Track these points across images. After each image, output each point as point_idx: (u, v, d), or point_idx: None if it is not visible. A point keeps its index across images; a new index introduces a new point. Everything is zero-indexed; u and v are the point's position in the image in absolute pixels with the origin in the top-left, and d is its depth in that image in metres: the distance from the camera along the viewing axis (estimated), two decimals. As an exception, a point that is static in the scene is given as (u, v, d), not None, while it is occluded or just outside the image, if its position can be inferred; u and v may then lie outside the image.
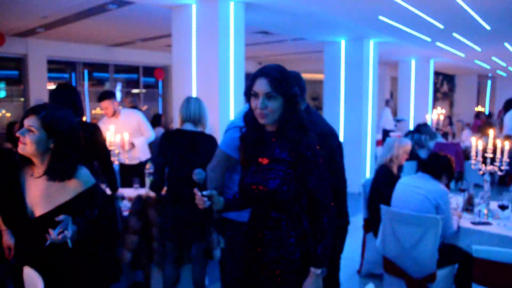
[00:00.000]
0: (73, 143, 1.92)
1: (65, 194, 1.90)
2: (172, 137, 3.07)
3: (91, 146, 2.95)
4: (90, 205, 1.93)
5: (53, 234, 1.73)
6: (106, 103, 4.41)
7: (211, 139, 3.09)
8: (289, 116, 1.81)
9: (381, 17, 5.67)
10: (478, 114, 12.79)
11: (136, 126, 4.57)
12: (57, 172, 1.87)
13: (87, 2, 5.35)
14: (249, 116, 1.89)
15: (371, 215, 3.77)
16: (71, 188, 1.91)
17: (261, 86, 1.78)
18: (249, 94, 1.83)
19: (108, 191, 3.27)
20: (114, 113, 4.38)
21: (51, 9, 5.81)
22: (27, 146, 1.86)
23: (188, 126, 3.09)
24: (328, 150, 2.23)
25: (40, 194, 1.91)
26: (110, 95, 4.48)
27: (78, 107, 2.95)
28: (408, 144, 3.92)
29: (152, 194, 3.33)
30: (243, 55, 4.98)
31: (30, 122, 1.86)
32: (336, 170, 2.30)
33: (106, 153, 3.11)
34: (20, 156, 1.91)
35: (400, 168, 3.97)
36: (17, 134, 1.86)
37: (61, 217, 1.77)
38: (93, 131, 3.05)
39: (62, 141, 1.88)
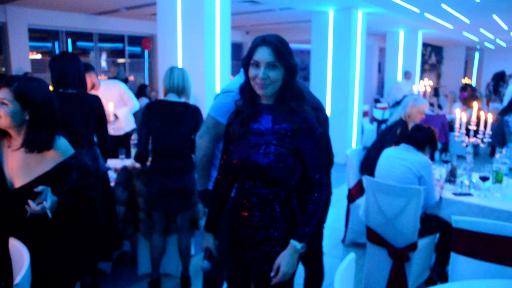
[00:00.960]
0: (49, 113, 1.88)
1: (43, 165, 1.89)
2: (155, 108, 3.03)
3: (94, 117, 2.92)
4: (69, 175, 1.91)
5: (32, 205, 1.72)
6: (87, 75, 4.29)
7: (194, 109, 3.07)
8: (288, 88, 1.75)
9: (369, -13, 5.59)
10: (464, 86, 12.87)
11: (118, 97, 4.46)
12: (34, 144, 1.84)
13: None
14: (245, 88, 1.80)
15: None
16: (49, 159, 1.89)
17: (263, 55, 1.70)
18: (247, 63, 1.74)
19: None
20: (93, 86, 4.26)
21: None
22: (1, 119, 1.83)
23: (172, 97, 3.06)
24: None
25: (18, 166, 1.90)
26: (87, 67, 4.35)
27: (83, 77, 2.89)
28: (423, 105, 4.00)
29: (137, 165, 3.33)
30: (229, 24, 4.90)
31: (2, 94, 1.82)
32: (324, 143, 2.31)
33: (106, 125, 3.08)
34: None
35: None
36: None
37: (40, 188, 1.76)
38: (97, 103, 2.99)
39: (37, 112, 1.85)
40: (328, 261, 3.26)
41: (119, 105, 4.43)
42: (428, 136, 3.20)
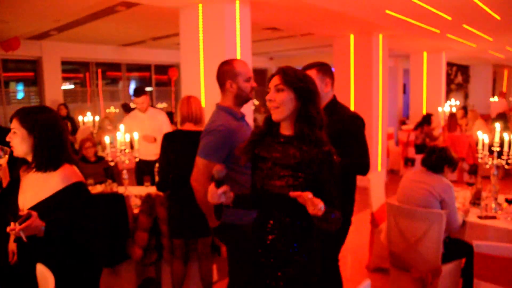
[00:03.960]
0: (53, 135, 2.03)
1: (47, 190, 2.01)
2: (173, 138, 3.11)
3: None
4: (68, 203, 2.00)
5: (13, 226, 1.82)
6: (143, 98, 4.73)
7: None
8: (302, 114, 1.77)
9: (387, 11, 5.64)
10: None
11: (160, 124, 4.76)
12: (40, 162, 2.00)
13: (96, 4, 5.46)
14: (267, 118, 1.90)
15: None
16: (52, 185, 2.01)
17: (272, 80, 1.83)
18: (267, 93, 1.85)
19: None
20: (146, 109, 4.74)
21: (62, 12, 5.94)
22: (15, 147, 2.04)
23: (188, 126, 3.13)
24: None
25: (28, 189, 2.05)
26: (146, 91, 4.84)
27: None
28: None
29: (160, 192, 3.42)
30: (249, 53, 5.02)
31: (12, 125, 2.03)
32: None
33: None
34: (18, 158, 2.07)
35: None
36: (7, 139, 2.03)
37: (26, 212, 1.87)
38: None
39: (41, 133, 2.01)
40: (351, 287, 3.23)
41: (156, 133, 4.64)
42: (442, 156, 3.18)
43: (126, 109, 8.05)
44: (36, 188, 2.03)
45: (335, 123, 2.13)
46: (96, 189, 4.10)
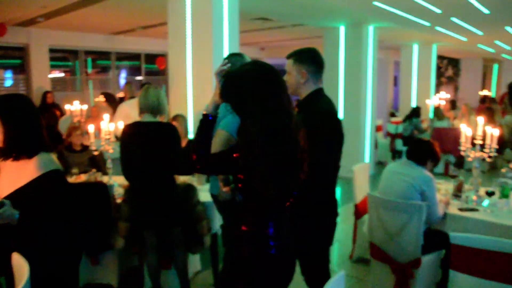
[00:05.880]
0: (26, 124, 2.03)
1: (23, 178, 2.00)
2: (130, 130, 3.05)
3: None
4: (43, 191, 2.00)
5: None
6: None
7: (169, 128, 3.08)
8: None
9: (375, 3, 5.63)
10: (484, 99, 12.69)
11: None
12: (12, 150, 2.00)
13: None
14: None
15: None
16: (27, 174, 2.00)
17: None
18: None
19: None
20: None
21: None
22: None
23: (147, 117, 3.05)
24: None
25: (4, 178, 2.05)
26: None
27: None
28: None
29: None
30: (237, 42, 5.00)
31: None
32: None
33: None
34: None
35: None
36: None
37: None
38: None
39: (13, 122, 2.01)
40: (332, 277, 3.25)
41: None
42: (427, 150, 3.21)
43: (109, 98, 7.94)
44: (12, 176, 2.02)
45: (304, 120, 1.96)
46: (80, 178, 4.08)
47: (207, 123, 1.86)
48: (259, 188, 1.71)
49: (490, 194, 3.50)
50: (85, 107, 7.33)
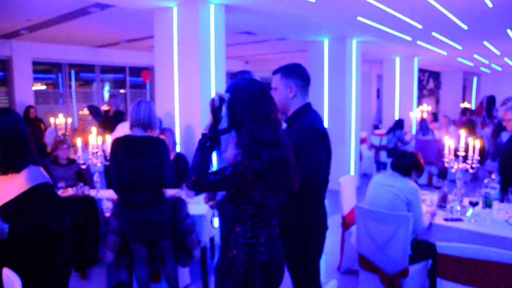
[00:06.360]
0: (13, 140, 2.02)
1: (12, 191, 1.99)
2: (120, 143, 3.06)
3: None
4: (33, 204, 1.98)
5: None
6: None
7: (158, 143, 3.10)
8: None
9: (359, 18, 5.77)
10: (464, 111, 12.98)
11: None
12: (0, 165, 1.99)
13: (69, 6, 5.39)
14: None
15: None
16: (16, 187, 1.99)
17: None
18: None
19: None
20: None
21: (34, 11, 5.83)
22: None
23: (137, 131, 3.08)
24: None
25: None
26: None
27: None
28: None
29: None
30: (224, 56, 5.05)
31: None
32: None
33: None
34: None
35: None
36: None
37: None
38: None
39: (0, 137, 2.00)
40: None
41: None
42: (411, 161, 3.28)
43: (94, 111, 7.89)
44: (1, 190, 2.01)
45: (292, 134, 1.99)
46: (67, 192, 4.04)
47: (205, 142, 1.87)
48: (257, 194, 1.77)
49: (474, 204, 3.58)
50: (69, 120, 7.30)
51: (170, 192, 3.80)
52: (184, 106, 4.98)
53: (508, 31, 7.13)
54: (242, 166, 1.77)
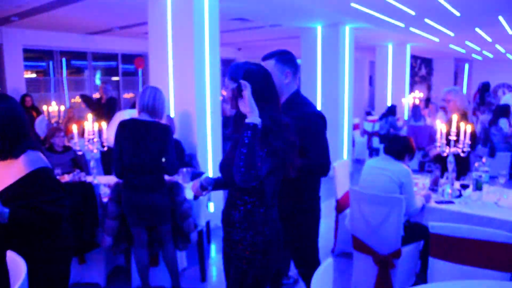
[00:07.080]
0: (11, 125, 2.02)
1: (11, 176, 2.01)
2: (126, 127, 3.11)
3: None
4: (32, 188, 2.01)
5: None
6: None
7: (164, 129, 3.14)
8: None
9: (353, 4, 5.78)
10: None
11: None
12: None
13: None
14: None
15: None
16: (15, 172, 2.01)
17: None
18: None
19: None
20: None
21: (25, -2, 5.77)
22: None
23: (144, 116, 3.13)
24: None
25: None
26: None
27: None
28: None
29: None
30: (218, 42, 5.05)
31: None
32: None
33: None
34: None
35: None
36: None
37: None
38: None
39: None
40: (316, 270, 3.35)
41: None
42: (404, 145, 3.36)
43: (87, 100, 7.86)
44: (1, 175, 2.02)
45: (295, 120, 2.01)
46: (64, 178, 4.06)
47: (255, 133, 1.75)
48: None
49: (464, 187, 3.67)
50: (62, 108, 7.27)
51: (166, 177, 3.84)
52: (179, 93, 4.99)
53: (500, 18, 7.19)
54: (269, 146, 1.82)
